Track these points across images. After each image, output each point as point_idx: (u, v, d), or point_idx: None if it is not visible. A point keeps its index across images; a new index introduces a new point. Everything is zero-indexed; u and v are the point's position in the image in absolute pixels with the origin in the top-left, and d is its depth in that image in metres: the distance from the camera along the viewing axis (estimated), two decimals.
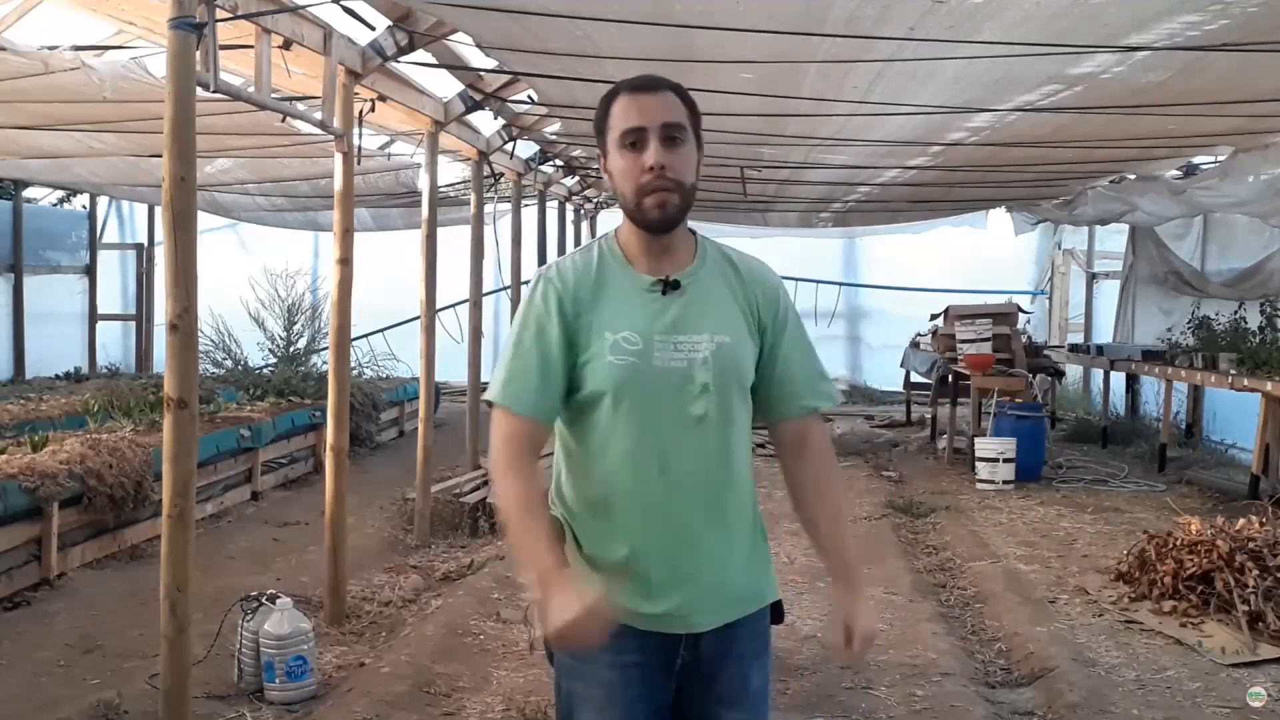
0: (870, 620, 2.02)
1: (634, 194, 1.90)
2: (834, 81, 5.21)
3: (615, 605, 1.83)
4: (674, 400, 1.90)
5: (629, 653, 1.93)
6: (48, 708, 3.90)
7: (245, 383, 9.65)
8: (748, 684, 2.01)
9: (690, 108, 1.95)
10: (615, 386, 1.89)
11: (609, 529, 1.94)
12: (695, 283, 1.96)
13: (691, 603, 1.93)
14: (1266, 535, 5.07)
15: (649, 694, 1.97)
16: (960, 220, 12.87)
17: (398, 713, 3.83)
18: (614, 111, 1.92)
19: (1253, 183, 6.86)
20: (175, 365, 3.38)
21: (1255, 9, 3.74)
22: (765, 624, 2.06)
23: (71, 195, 13.67)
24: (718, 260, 2.02)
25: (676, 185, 1.90)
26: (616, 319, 1.91)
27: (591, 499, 1.96)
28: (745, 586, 2.00)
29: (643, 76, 1.97)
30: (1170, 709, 3.98)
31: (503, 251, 9.60)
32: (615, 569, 1.92)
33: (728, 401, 1.93)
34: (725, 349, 1.93)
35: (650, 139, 1.88)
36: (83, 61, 5.33)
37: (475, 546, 6.45)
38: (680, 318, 1.92)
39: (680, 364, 1.90)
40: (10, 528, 5.10)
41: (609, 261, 1.98)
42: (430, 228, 6.64)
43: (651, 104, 1.90)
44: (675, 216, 1.92)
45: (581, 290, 1.93)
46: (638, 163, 1.89)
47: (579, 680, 1.99)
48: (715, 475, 1.94)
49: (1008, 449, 8.21)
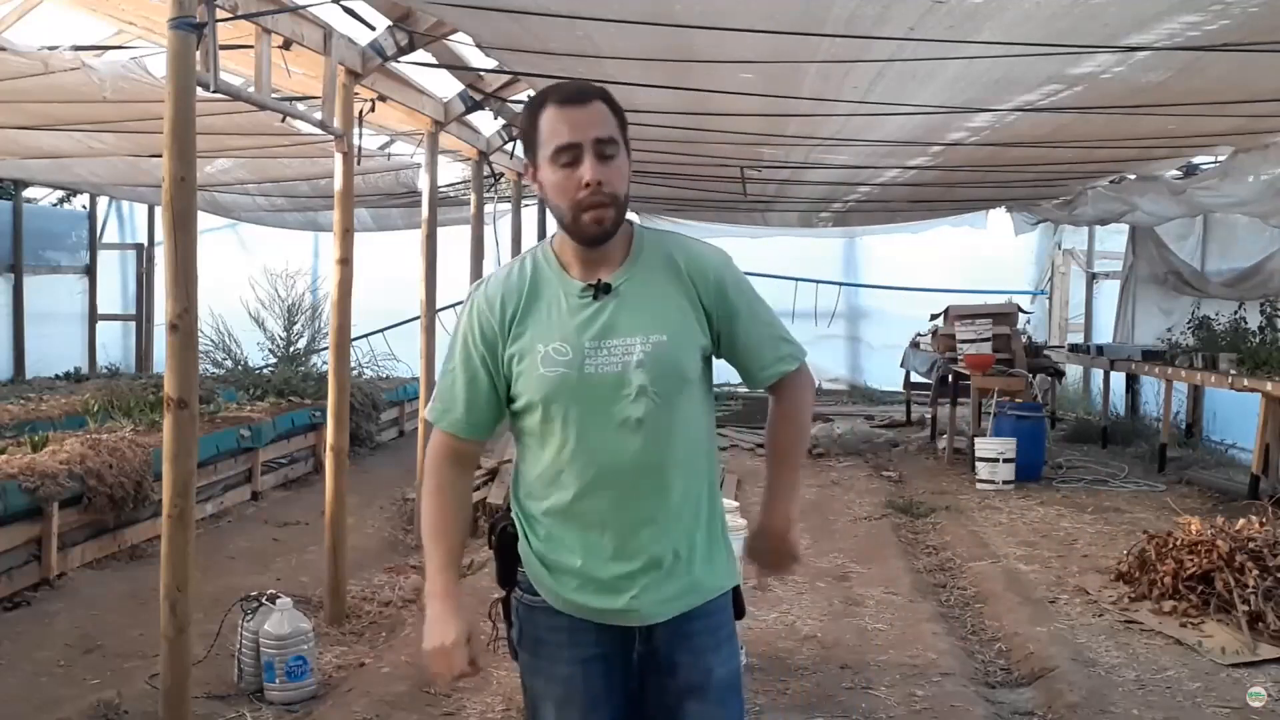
0: (783, 521, 2.13)
1: (570, 209, 1.91)
2: (834, 81, 5.20)
3: (571, 601, 1.98)
4: (609, 405, 1.92)
5: (587, 646, 1.98)
6: (48, 708, 3.90)
7: (245, 383, 9.65)
8: (710, 675, 2.02)
9: (619, 117, 1.94)
10: (546, 397, 1.93)
11: (557, 529, 1.98)
12: (630, 282, 1.97)
13: (639, 597, 1.95)
14: (1266, 535, 5.06)
15: (611, 687, 2.00)
16: (960, 220, 12.86)
17: (398, 713, 3.83)
18: (543, 124, 1.91)
19: (1253, 183, 6.85)
20: (175, 365, 3.39)
21: (1255, 9, 3.73)
22: (724, 616, 2.06)
23: (71, 195, 13.67)
24: (656, 253, 2.01)
25: (612, 199, 1.90)
26: (547, 329, 1.95)
27: (539, 501, 2.00)
28: (694, 580, 2.00)
29: (570, 86, 1.96)
30: (1170, 709, 3.98)
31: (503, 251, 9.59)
32: (565, 566, 1.97)
33: (668, 400, 1.94)
34: (660, 349, 1.93)
35: (585, 154, 1.87)
36: (83, 61, 5.33)
37: (475, 546, 6.41)
38: (611, 322, 1.94)
39: (614, 369, 1.92)
40: (10, 528, 5.11)
41: (543, 270, 2.00)
42: (430, 228, 6.65)
43: (582, 118, 1.89)
44: (611, 230, 1.93)
45: (509, 305, 1.97)
46: (572, 178, 1.88)
47: (539, 677, 2.04)
48: (658, 474, 1.95)
49: (1008, 449, 8.21)
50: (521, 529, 2.03)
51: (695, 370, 1.99)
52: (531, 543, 2.01)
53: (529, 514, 2.02)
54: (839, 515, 7.32)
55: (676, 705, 2.00)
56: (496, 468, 7.74)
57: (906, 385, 11.97)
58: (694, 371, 1.98)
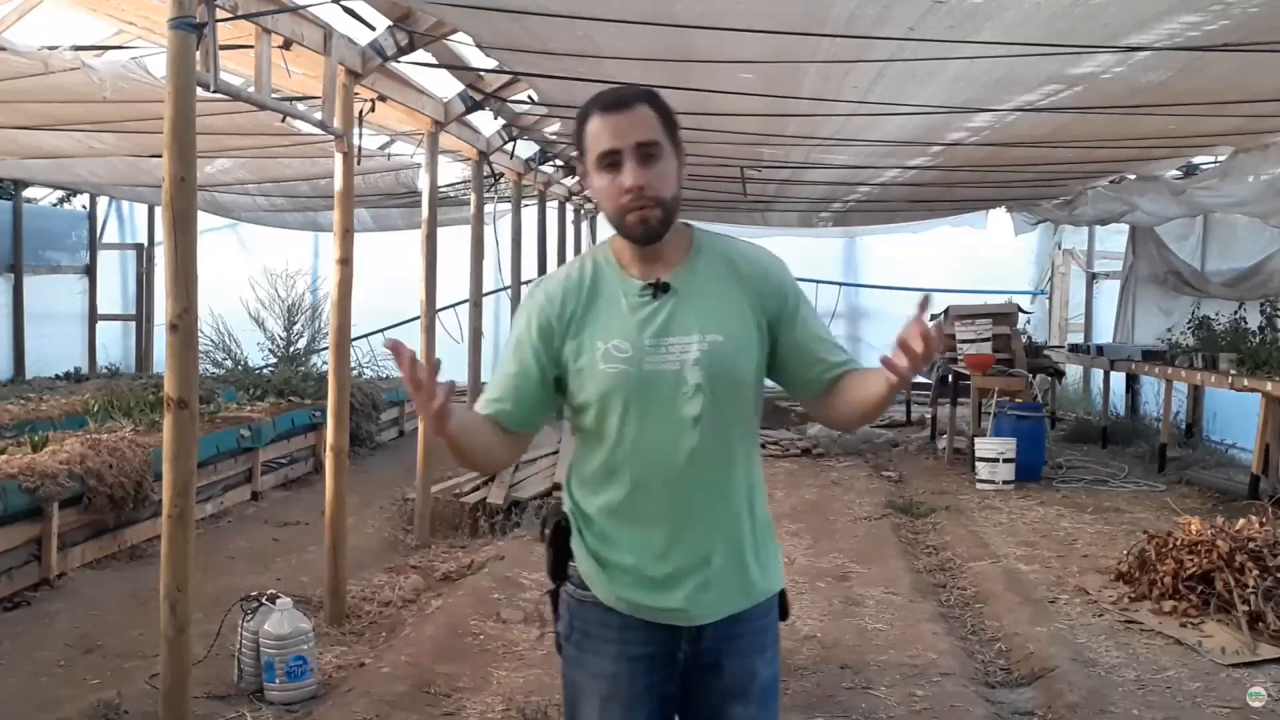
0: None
1: (616, 213, 1.94)
2: (834, 81, 5.21)
3: (621, 598, 1.96)
4: (667, 403, 1.94)
5: (634, 644, 1.99)
6: (48, 708, 3.90)
7: (245, 383, 9.65)
8: (755, 677, 2.03)
9: (665, 117, 1.95)
10: (605, 394, 1.95)
11: (610, 525, 1.99)
12: (688, 282, 1.99)
13: (690, 597, 1.96)
14: (1266, 535, 5.06)
15: (654, 685, 2.01)
16: (960, 220, 12.87)
17: (398, 713, 3.83)
18: (588, 133, 1.94)
19: (1253, 183, 6.85)
20: (175, 365, 3.39)
21: (1255, 9, 3.74)
22: (770, 619, 2.08)
23: (71, 195, 13.67)
24: (715, 256, 2.03)
25: (657, 201, 1.92)
26: (607, 327, 1.96)
27: (593, 496, 2.01)
28: (745, 581, 2.01)
29: (613, 93, 1.98)
30: (1170, 709, 3.97)
31: (503, 251, 9.61)
32: (617, 562, 1.98)
33: (724, 400, 1.95)
34: (717, 348, 1.94)
35: (626, 160, 1.90)
36: (83, 61, 5.33)
37: (475, 546, 6.45)
38: (670, 320, 1.95)
39: (672, 367, 1.94)
40: (10, 528, 5.11)
41: (603, 269, 2.02)
42: (430, 228, 6.64)
43: (623, 123, 1.91)
44: (658, 229, 1.95)
45: (569, 302, 1.99)
46: (616, 183, 1.91)
47: (584, 671, 2.04)
48: (713, 473, 1.97)
49: (1008, 449, 8.21)
50: (575, 524, 2.04)
51: (749, 372, 2.00)
52: (585, 538, 2.02)
53: (583, 509, 2.03)
54: (839, 515, 7.32)
55: (720, 706, 2.02)
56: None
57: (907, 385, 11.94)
58: (748, 373, 2.00)
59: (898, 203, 11.00)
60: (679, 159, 1.97)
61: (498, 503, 6.90)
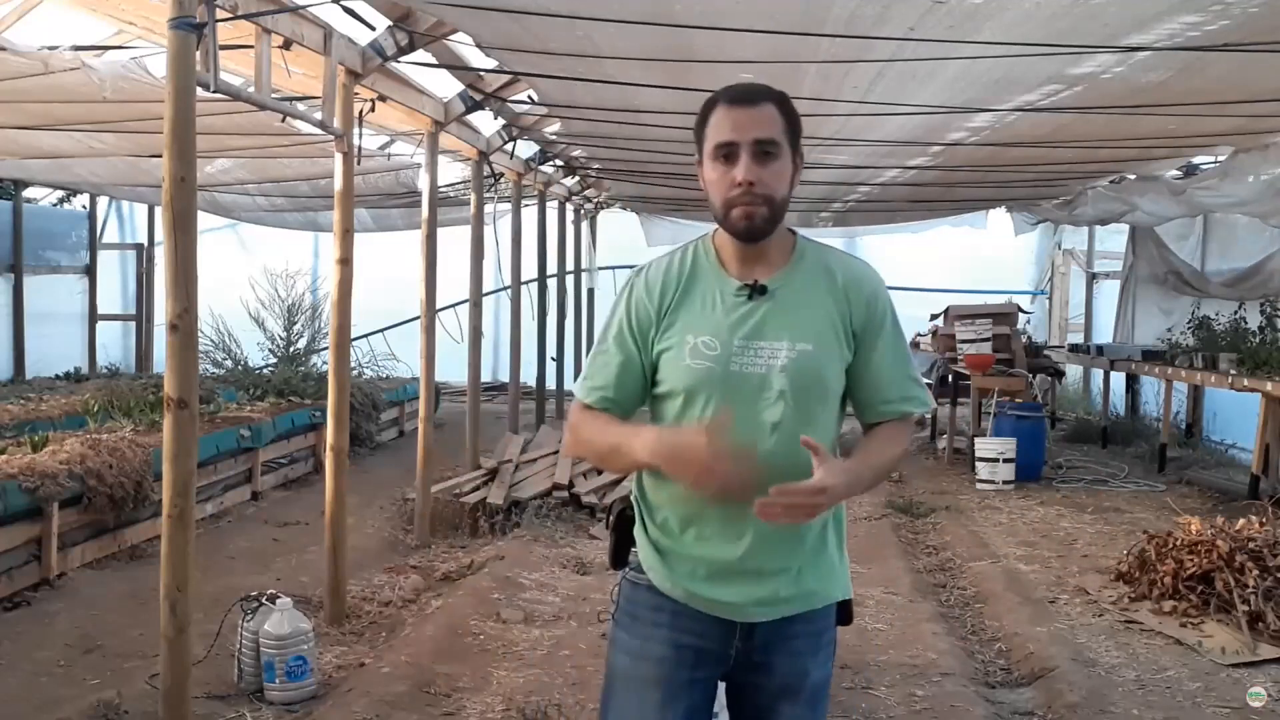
0: (831, 477, 1.84)
1: (722, 205, 1.95)
2: (834, 81, 5.21)
3: (681, 587, 1.97)
4: (749, 406, 1.93)
5: (686, 634, 2.00)
6: (48, 708, 3.90)
7: (245, 383, 9.65)
8: (806, 677, 2.03)
9: (789, 119, 1.96)
10: (689, 388, 1.95)
11: (677, 517, 1.99)
12: (785, 287, 1.98)
13: (749, 594, 1.96)
14: (1266, 535, 5.07)
15: (697, 679, 2.02)
16: (960, 220, 12.86)
17: (398, 713, 3.83)
18: (710, 121, 1.95)
19: (1253, 183, 6.86)
20: (175, 365, 3.39)
21: (1255, 9, 3.74)
22: (828, 622, 2.07)
23: (71, 195, 13.68)
24: (815, 264, 2.03)
25: (765, 200, 1.92)
26: (700, 322, 1.97)
27: (663, 489, 2.00)
28: (805, 586, 2.00)
29: (743, 87, 1.99)
30: (1170, 709, 3.98)
31: (503, 251, 9.61)
32: (681, 554, 1.98)
33: (806, 409, 1.94)
34: (805, 357, 1.94)
35: (741, 153, 1.90)
36: (83, 61, 5.33)
37: (475, 546, 6.45)
38: (763, 324, 1.95)
39: (758, 370, 1.93)
40: (10, 528, 5.10)
41: (702, 263, 2.03)
42: (430, 228, 6.64)
43: (746, 118, 1.92)
44: (762, 228, 1.94)
45: (667, 293, 2.00)
46: (728, 176, 1.92)
47: (630, 655, 2.04)
48: (786, 479, 1.89)
49: (1008, 449, 8.21)
50: (639, 513, 2.04)
51: (835, 384, 1.99)
52: (648, 528, 2.03)
53: (650, 500, 2.03)
54: None
55: (770, 705, 2.02)
56: (496, 468, 7.75)
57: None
58: (833, 385, 1.99)
59: (898, 203, 11.00)
60: (796, 164, 1.98)
61: (498, 503, 6.90)
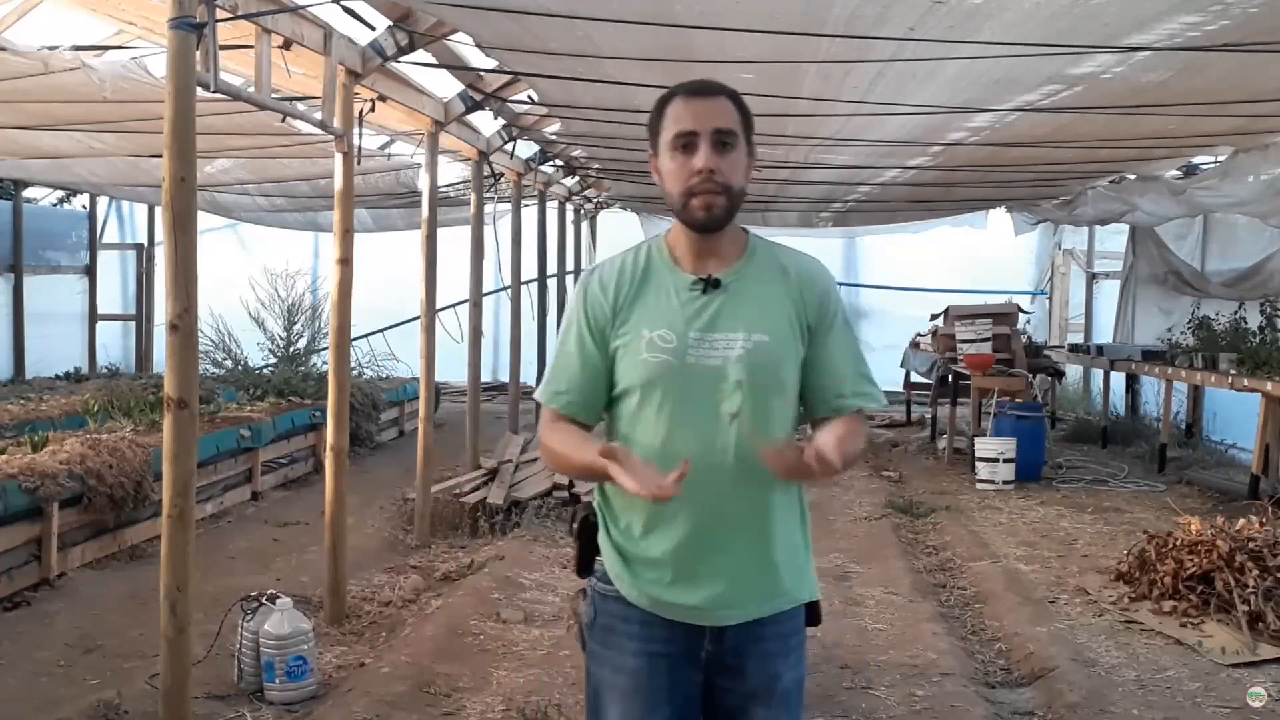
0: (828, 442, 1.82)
1: (681, 195, 1.95)
2: (834, 81, 5.21)
3: (645, 594, 1.96)
4: (707, 397, 1.93)
5: (655, 642, 1.99)
6: (48, 708, 3.90)
7: (245, 383, 9.65)
8: (778, 680, 2.02)
9: (744, 116, 2.00)
10: (646, 382, 1.95)
11: (638, 519, 1.98)
12: (738, 281, 1.99)
13: (716, 597, 1.96)
14: (1266, 535, 5.06)
15: (676, 684, 2.00)
16: (960, 220, 12.87)
17: (398, 713, 3.83)
18: (668, 114, 1.97)
19: (1253, 183, 6.86)
20: (175, 365, 3.39)
21: (1255, 9, 3.74)
22: (797, 623, 2.07)
23: (71, 195, 13.67)
24: (767, 260, 2.05)
25: (724, 188, 1.94)
26: (654, 316, 1.98)
27: (625, 492, 1.97)
28: (773, 587, 2.00)
29: (699, 81, 2.01)
30: (1170, 709, 3.98)
31: (503, 251, 9.61)
32: (644, 558, 1.98)
33: (763, 399, 1.95)
34: (761, 347, 1.95)
35: (701, 143, 1.92)
36: (83, 61, 5.33)
37: (475, 546, 6.45)
38: (718, 316, 1.96)
39: (715, 361, 1.94)
40: (10, 528, 5.10)
41: (655, 260, 2.04)
42: (430, 228, 6.64)
43: (705, 109, 1.95)
44: (721, 218, 1.96)
45: (621, 289, 2.01)
46: (687, 165, 1.93)
47: (606, 666, 2.04)
48: (749, 473, 1.93)
49: (1008, 449, 8.21)
50: (603, 518, 2.04)
51: (791, 377, 2.00)
52: (611, 533, 2.02)
53: (612, 504, 2.02)
54: (839, 515, 7.32)
55: (741, 708, 2.01)
56: (496, 468, 7.75)
57: (906, 385, 11.97)
58: (790, 378, 2.00)
59: (898, 203, 11.00)
60: (750, 158, 2.00)
61: (498, 503, 6.90)
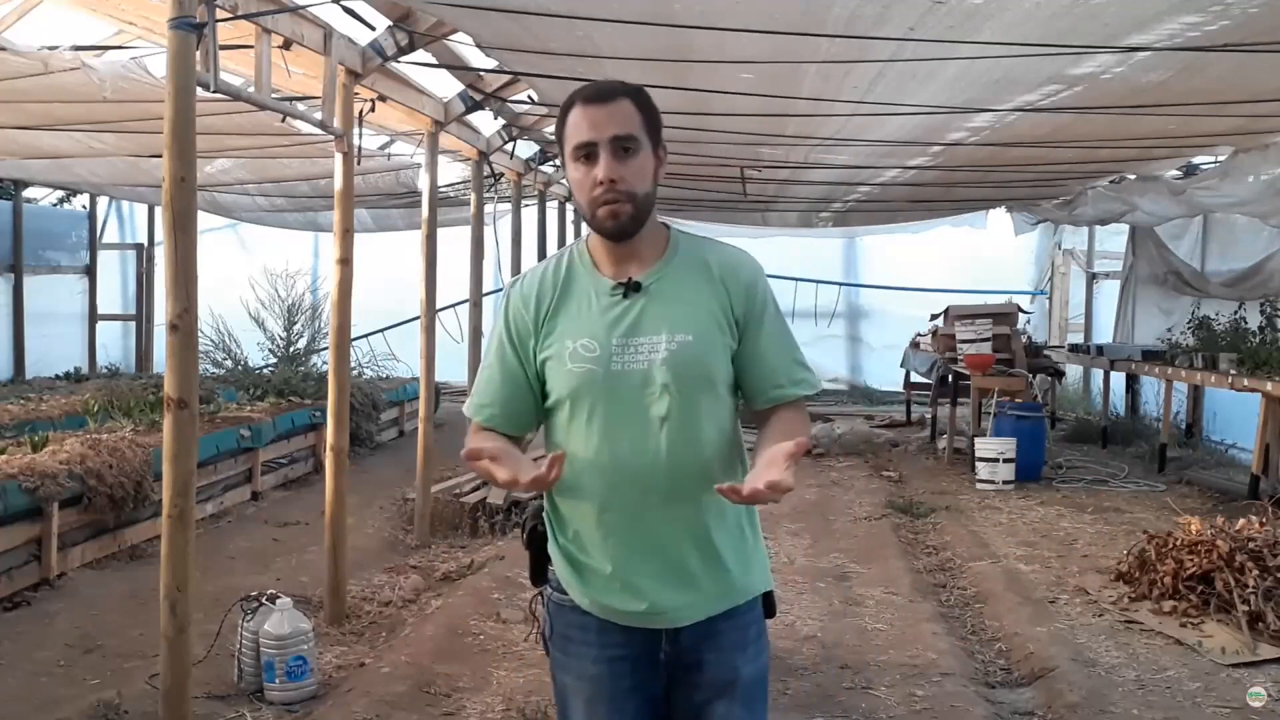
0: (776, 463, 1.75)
1: (587, 205, 1.93)
2: (834, 82, 5.21)
3: (596, 601, 1.97)
4: (634, 403, 1.92)
5: (613, 647, 1.99)
6: (48, 708, 3.90)
7: (245, 383, 9.65)
8: (738, 675, 2.01)
9: (646, 114, 1.94)
10: (573, 393, 1.94)
11: (582, 528, 1.98)
12: (660, 282, 1.97)
13: (666, 600, 1.95)
14: (1266, 535, 5.06)
15: (638, 686, 2.00)
16: (960, 220, 12.86)
17: (398, 713, 3.83)
18: (569, 122, 1.94)
19: (1253, 183, 6.85)
20: (175, 365, 3.39)
21: (1255, 9, 3.74)
22: (753, 615, 2.06)
23: (71, 195, 13.67)
24: (690, 256, 2.02)
25: (629, 196, 1.91)
26: (576, 326, 1.96)
27: (566, 499, 2.00)
28: (723, 584, 1.99)
29: (596, 86, 1.98)
30: (1170, 709, 3.98)
31: (503, 251, 9.61)
32: (590, 565, 1.98)
33: (692, 400, 1.93)
34: (685, 348, 1.93)
35: (600, 152, 1.89)
36: (83, 61, 5.33)
37: (475, 546, 6.45)
38: (639, 320, 1.94)
39: (640, 366, 1.93)
40: (10, 528, 5.11)
41: (576, 267, 2.02)
42: (430, 228, 6.64)
43: (602, 116, 1.91)
44: (628, 226, 1.93)
45: (543, 301, 1.99)
46: (590, 176, 1.91)
47: (569, 674, 2.05)
48: (684, 474, 1.93)
49: (1008, 449, 8.21)
50: (551, 527, 2.04)
51: (721, 373, 1.98)
52: (560, 541, 2.02)
53: (558, 512, 2.02)
54: (839, 515, 7.32)
55: (704, 704, 2.01)
56: None
57: (906, 385, 11.98)
58: (720, 374, 1.98)
59: (898, 203, 11.00)
60: (658, 158, 1.97)
61: (497, 503, 6.90)
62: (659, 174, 1.97)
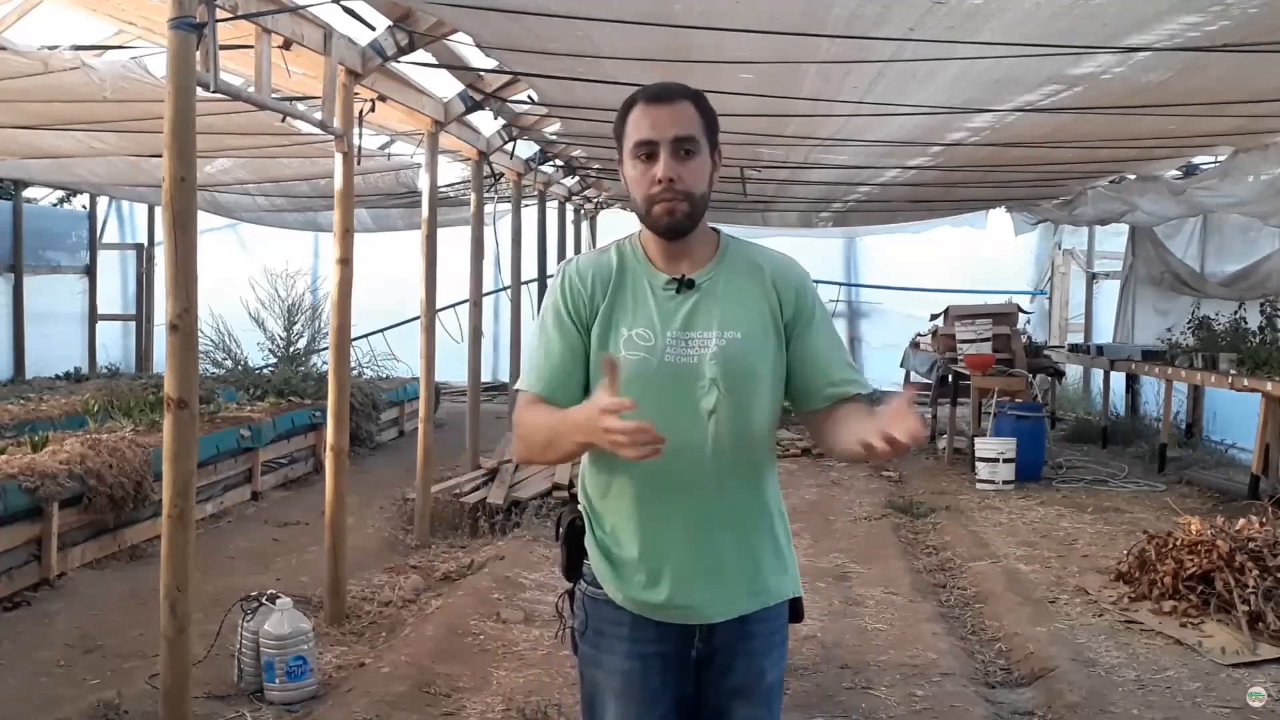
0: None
1: (644, 202, 1.96)
2: (834, 82, 5.21)
3: (632, 597, 1.96)
4: (684, 395, 1.94)
5: (647, 642, 2.00)
6: (48, 708, 3.90)
7: (245, 383, 9.65)
8: (763, 678, 2.03)
9: (706, 117, 1.99)
10: (625, 381, 1.91)
11: (623, 520, 1.99)
12: (713, 280, 2.00)
13: (702, 595, 1.97)
14: (1266, 535, 5.06)
15: (668, 683, 2.01)
16: (960, 220, 12.88)
17: (398, 713, 3.83)
18: (629, 121, 1.97)
19: (1253, 183, 6.86)
20: (175, 365, 3.39)
21: (1255, 9, 3.74)
22: (781, 620, 2.08)
23: (71, 195, 13.67)
24: (741, 259, 2.05)
25: (685, 196, 1.94)
26: (633, 315, 1.98)
27: (606, 490, 2.01)
28: (759, 581, 2.01)
29: (659, 87, 2.01)
30: (1170, 709, 3.98)
31: (503, 251, 9.62)
32: (629, 560, 1.98)
33: (740, 397, 1.96)
34: (735, 345, 1.96)
35: (661, 151, 1.93)
36: (83, 61, 5.33)
37: (475, 546, 6.45)
38: (693, 315, 1.97)
39: (690, 360, 1.95)
40: (10, 528, 5.10)
41: (629, 259, 2.04)
42: (430, 228, 6.65)
43: (664, 116, 1.94)
44: (683, 224, 1.97)
45: (599, 284, 2.01)
46: (648, 174, 1.94)
47: (600, 669, 2.05)
48: (728, 470, 1.95)
49: (1008, 449, 8.21)
50: (588, 520, 2.04)
51: (766, 370, 2.00)
52: (596, 535, 2.03)
53: (595, 506, 2.03)
54: (839, 515, 7.32)
55: (726, 704, 2.02)
56: (496, 468, 7.75)
57: (906, 385, 11.97)
58: (765, 372, 1.99)
59: (898, 203, 11.01)
60: (714, 161, 2.00)
61: (498, 503, 6.90)
62: (714, 177, 2.00)
